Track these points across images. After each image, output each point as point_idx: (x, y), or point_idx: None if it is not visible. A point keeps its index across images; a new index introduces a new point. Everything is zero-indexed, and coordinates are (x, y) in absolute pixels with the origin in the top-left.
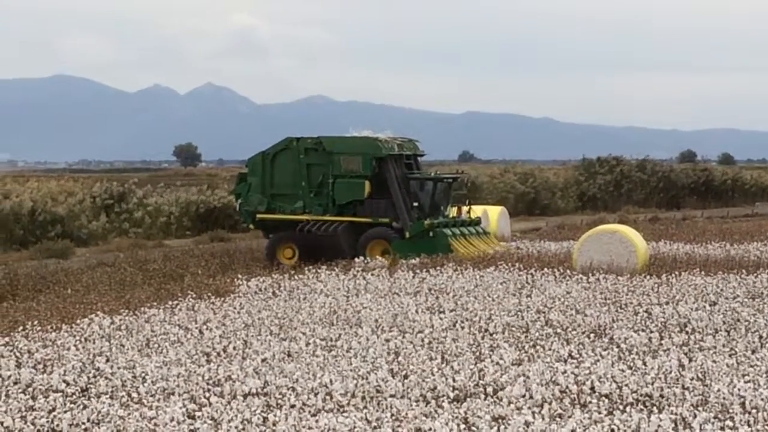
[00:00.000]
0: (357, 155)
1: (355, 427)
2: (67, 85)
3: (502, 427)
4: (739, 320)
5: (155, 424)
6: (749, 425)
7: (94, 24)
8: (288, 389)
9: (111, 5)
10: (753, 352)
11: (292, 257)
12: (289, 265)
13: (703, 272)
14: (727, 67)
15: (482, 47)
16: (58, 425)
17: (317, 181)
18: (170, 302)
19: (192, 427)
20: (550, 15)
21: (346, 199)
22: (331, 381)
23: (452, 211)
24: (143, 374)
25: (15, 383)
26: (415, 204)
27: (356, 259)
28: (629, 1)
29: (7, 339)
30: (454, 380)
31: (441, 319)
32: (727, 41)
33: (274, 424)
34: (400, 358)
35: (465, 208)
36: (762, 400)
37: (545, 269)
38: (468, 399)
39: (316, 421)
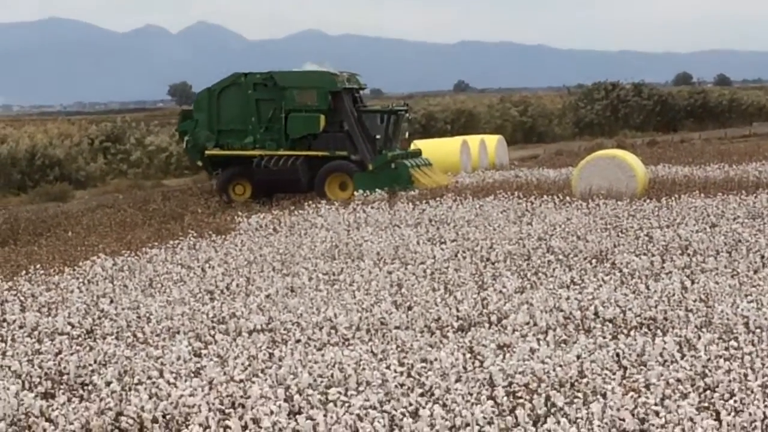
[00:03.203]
0: (311, 89)
1: (360, 360)
2: (58, 28)
3: (508, 354)
4: (740, 241)
5: (162, 363)
6: (753, 345)
7: None
8: (292, 324)
9: None
10: (755, 272)
11: (243, 193)
12: (240, 201)
13: (702, 194)
14: None
15: None
16: (65, 368)
17: (267, 116)
18: (171, 242)
19: (198, 365)
20: None
21: (301, 134)
22: (335, 315)
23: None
24: (147, 314)
25: (20, 327)
26: (377, 136)
27: (356, 193)
28: None
29: (10, 284)
30: (457, 310)
31: (442, 249)
32: None
33: (279, 360)
34: (403, 290)
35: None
36: (765, 319)
37: (545, 196)
38: (472, 328)
39: (322, 356)
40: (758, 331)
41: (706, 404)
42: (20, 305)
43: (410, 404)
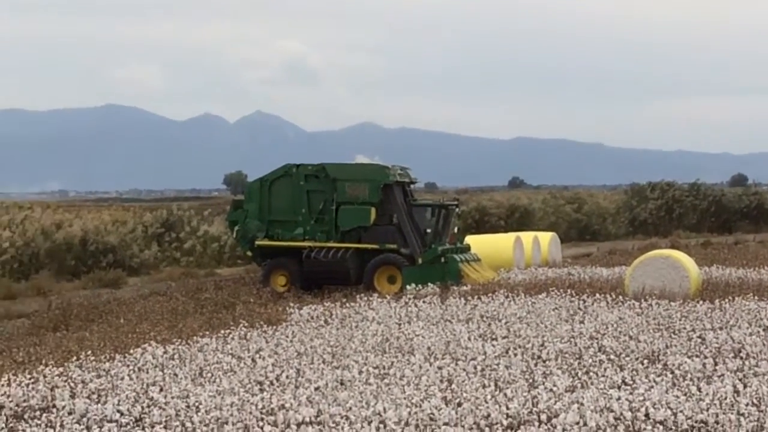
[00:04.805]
0: (363, 182)
1: None
2: (117, 115)
3: None
4: None
5: None
6: None
7: (144, 53)
8: (341, 418)
9: (160, 35)
10: None
11: (285, 284)
12: (282, 292)
13: (756, 297)
14: None
15: (532, 72)
16: None
17: (318, 207)
18: (222, 331)
19: None
20: (600, 39)
21: (351, 226)
22: (384, 409)
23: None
24: (197, 404)
25: (69, 413)
26: (428, 230)
27: (408, 287)
28: (676, 24)
29: (61, 369)
30: (507, 408)
31: (493, 346)
32: None
33: None
34: (453, 386)
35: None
36: None
37: (597, 295)
38: (522, 426)
39: None
40: None
41: None
42: (70, 391)
43: None
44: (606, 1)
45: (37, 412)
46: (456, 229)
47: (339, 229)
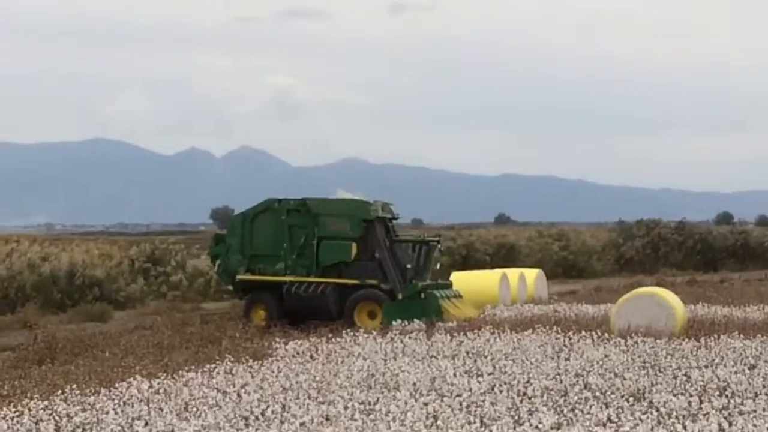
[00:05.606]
0: (345, 217)
1: None
2: (105, 148)
3: None
4: None
5: None
6: None
7: (132, 87)
8: None
9: (149, 69)
10: None
11: (265, 319)
12: (261, 326)
13: (741, 335)
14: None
15: (518, 109)
16: None
17: (299, 242)
18: (208, 365)
19: None
20: (586, 77)
21: (332, 261)
22: None
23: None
24: None
25: None
26: (408, 266)
27: (394, 323)
28: (663, 62)
29: (46, 403)
30: None
31: (479, 382)
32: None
33: None
34: (438, 422)
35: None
36: None
37: (583, 332)
38: None
39: None
40: None
41: None
42: (55, 425)
43: None
44: (590, 39)
45: None
46: (438, 266)
47: (320, 264)
